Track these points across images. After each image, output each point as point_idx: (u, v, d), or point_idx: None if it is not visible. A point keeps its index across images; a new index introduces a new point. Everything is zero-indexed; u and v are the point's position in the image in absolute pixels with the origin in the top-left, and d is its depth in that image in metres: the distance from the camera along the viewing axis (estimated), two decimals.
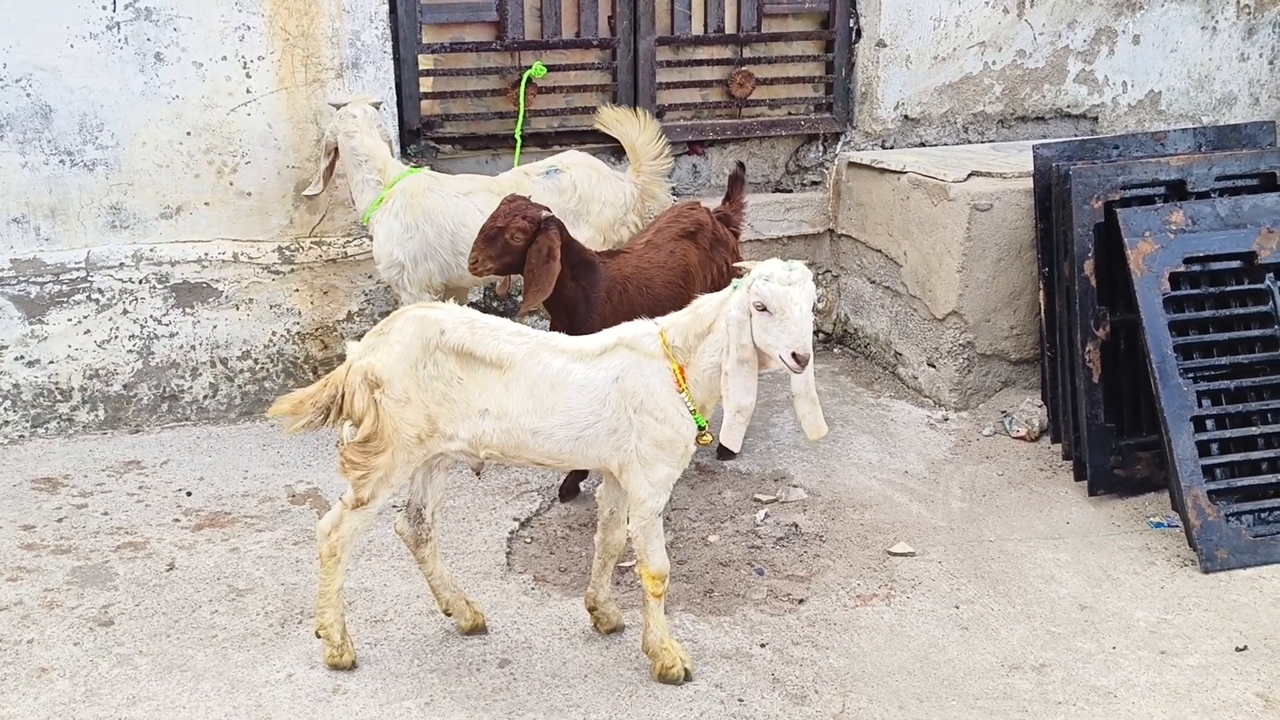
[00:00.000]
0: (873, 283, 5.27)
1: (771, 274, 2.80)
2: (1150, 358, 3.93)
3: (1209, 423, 3.94)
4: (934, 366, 4.92)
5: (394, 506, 3.59)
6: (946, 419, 4.82)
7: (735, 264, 4.66)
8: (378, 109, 4.34)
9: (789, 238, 5.39)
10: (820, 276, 5.53)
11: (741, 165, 4.28)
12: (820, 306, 5.53)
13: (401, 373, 2.96)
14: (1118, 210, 4.08)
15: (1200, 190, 4.26)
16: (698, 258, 4.06)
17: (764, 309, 2.78)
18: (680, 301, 4.05)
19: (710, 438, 3.01)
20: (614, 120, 4.50)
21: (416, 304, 3.16)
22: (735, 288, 2.89)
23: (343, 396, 3.02)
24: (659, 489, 2.98)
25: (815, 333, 5.59)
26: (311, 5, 4.45)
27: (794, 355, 2.77)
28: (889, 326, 5.19)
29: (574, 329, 3.73)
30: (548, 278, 3.68)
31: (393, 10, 4.65)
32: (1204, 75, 5.80)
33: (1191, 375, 3.96)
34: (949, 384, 4.85)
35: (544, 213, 3.69)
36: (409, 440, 3.00)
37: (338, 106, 4.30)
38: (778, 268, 2.82)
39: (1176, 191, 4.27)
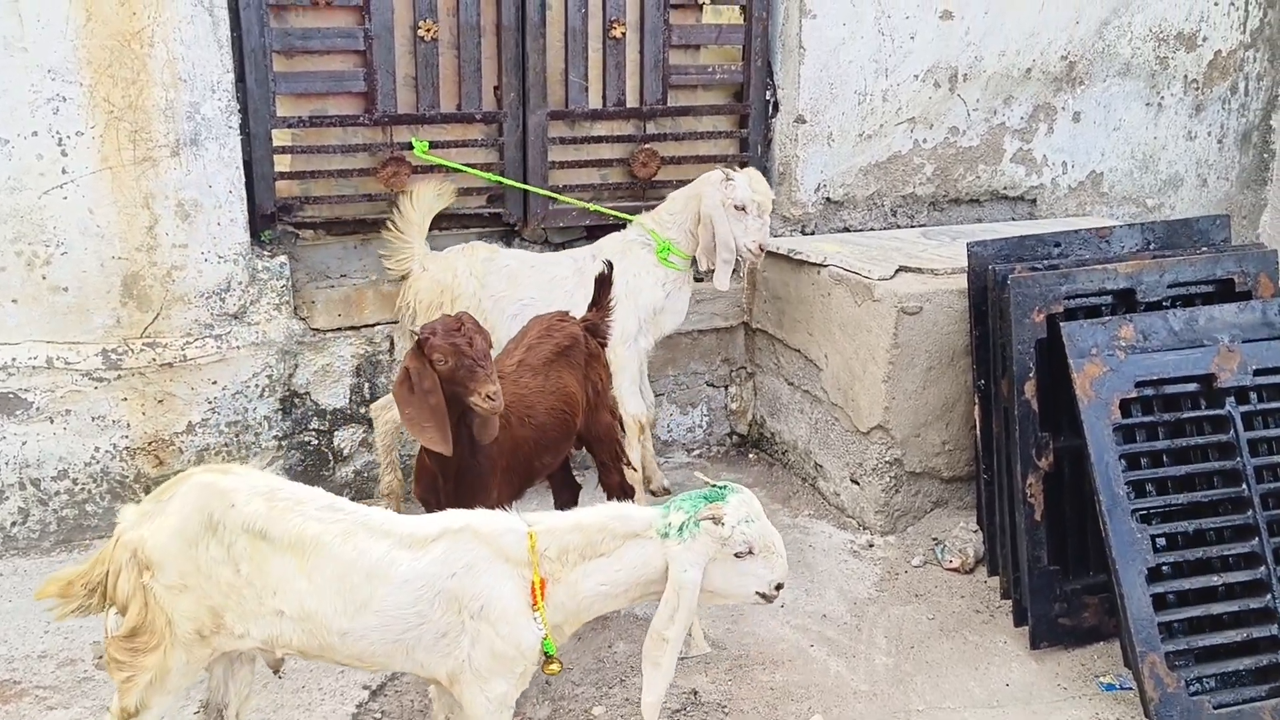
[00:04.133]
0: (791, 385, 4.74)
1: (747, 513, 2.49)
2: (1099, 497, 3.42)
3: (1165, 569, 3.44)
4: (858, 484, 4.38)
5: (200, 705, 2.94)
6: (872, 545, 4.28)
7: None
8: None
9: (699, 332, 4.85)
10: (734, 374, 4.99)
11: (609, 264, 3.73)
12: (734, 407, 5.01)
13: (177, 553, 2.36)
14: (1061, 325, 3.59)
15: (1151, 300, 3.78)
16: (575, 379, 3.49)
17: (750, 552, 2.50)
18: (565, 432, 3.48)
19: (559, 667, 2.44)
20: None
21: (206, 467, 2.54)
22: (677, 533, 2.47)
23: (108, 575, 2.41)
24: (499, 707, 2.39)
25: (729, 434, 5.05)
26: (140, 73, 3.84)
27: (778, 586, 2.56)
28: (809, 434, 4.65)
29: (461, 476, 3.14)
30: (426, 414, 2.94)
31: (241, 79, 4.06)
32: (1149, 155, 5.37)
33: (1145, 515, 3.46)
34: (874, 505, 4.32)
35: (428, 329, 3.04)
36: (187, 636, 2.39)
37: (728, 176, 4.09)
38: (745, 503, 2.51)
39: (1125, 300, 3.79)
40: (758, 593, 2.54)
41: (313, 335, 4.27)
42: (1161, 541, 3.46)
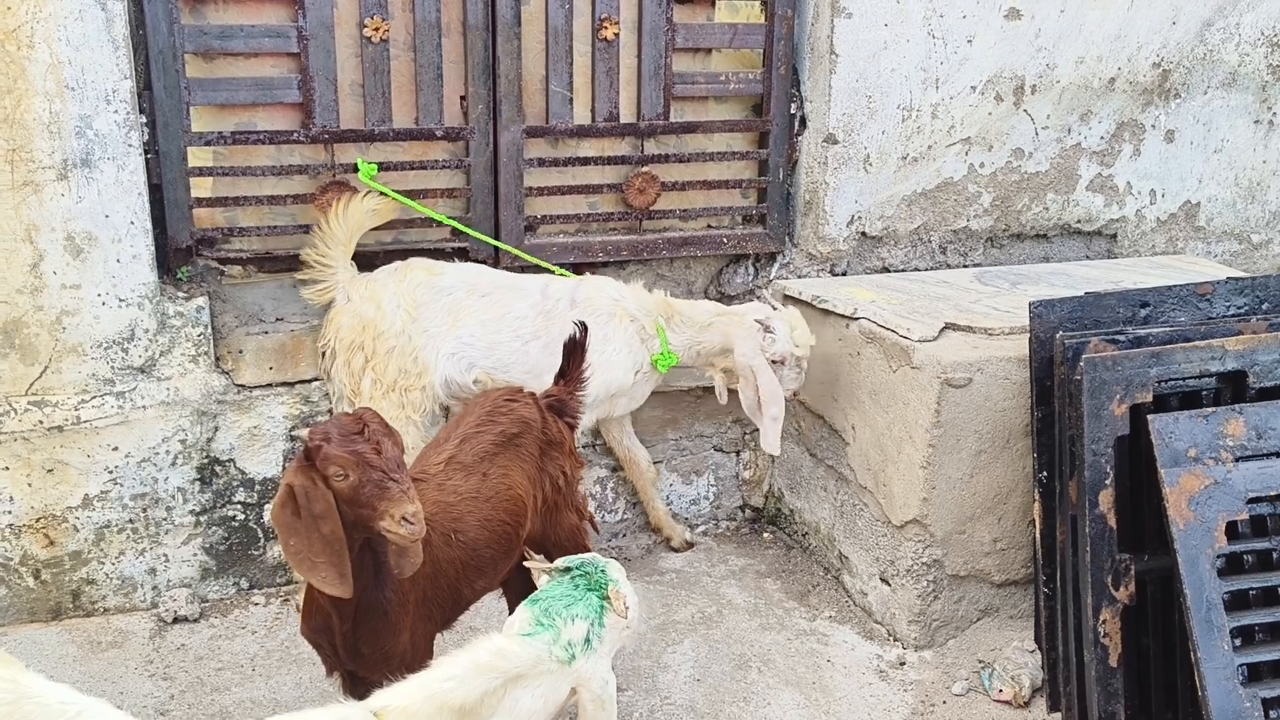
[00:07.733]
0: (813, 456, 3.96)
1: (623, 577, 2.46)
2: (1197, 653, 2.62)
3: None
4: (888, 584, 3.60)
5: None
6: (903, 663, 3.50)
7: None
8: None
9: (705, 388, 4.08)
10: (748, 437, 4.22)
11: (583, 327, 2.99)
12: (748, 476, 4.26)
13: None
14: (1149, 418, 2.78)
15: (1267, 385, 2.95)
16: (526, 474, 2.75)
17: None
18: (505, 548, 2.74)
19: None
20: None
21: None
22: (584, 647, 2.37)
23: None
24: None
25: (740, 508, 4.31)
26: (17, 80, 3.17)
27: None
28: (833, 518, 3.88)
29: (363, 614, 2.43)
30: (317, 547, 2.25)
31: (147, 86, 3.37)
32: (1256, 182, 4.50)
33: (1258, 675, 2.65)
34: (908, 612, 3.53)
35: (319, 434, 2.31)
36: None
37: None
38: (619, 569, 2.48)
39: (1234, 384, 2.97)
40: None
41: (237, 392, 3.59)
42: None
